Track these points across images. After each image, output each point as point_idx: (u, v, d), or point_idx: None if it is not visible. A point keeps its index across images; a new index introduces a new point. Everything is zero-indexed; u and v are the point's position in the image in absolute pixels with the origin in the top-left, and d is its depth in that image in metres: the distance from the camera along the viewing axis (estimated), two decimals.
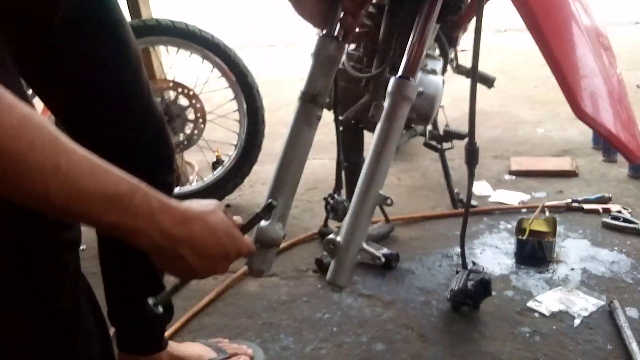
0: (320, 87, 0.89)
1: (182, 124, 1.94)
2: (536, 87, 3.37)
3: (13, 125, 0.49)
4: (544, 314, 1.41)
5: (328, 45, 0.91)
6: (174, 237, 0.62)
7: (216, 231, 0.66)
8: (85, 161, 0.55)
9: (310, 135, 0.91)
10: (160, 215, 0.61)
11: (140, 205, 0.59)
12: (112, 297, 1.15)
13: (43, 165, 0.51)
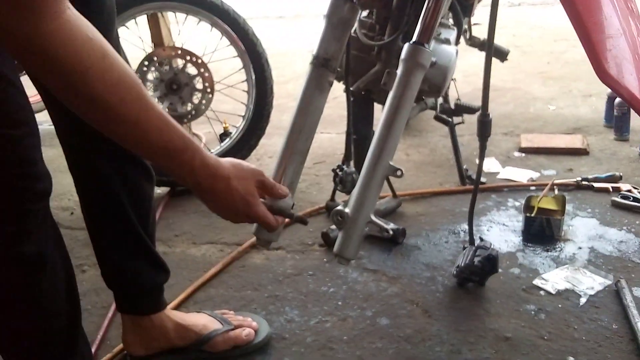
0: (332, 51, 0.86)
1: (190, 93, 1.91)
2: (549, 63, 3.31)
3: (112, 82, 0.63)
4: (550, 292, 1.40)
5: (341, 7, 0.88)
6: (202, 187, 0.79)
7: (233, 193, 0.80)
8: (157, 120, 0.70)
9: (321, 101, 0.88)
10: (198, 170, 0.76)
11: (186, 160, 0.75)
12: (102, 262, 1.15)
13: (126, 117, 0.66)
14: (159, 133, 0.70)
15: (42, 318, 0.91)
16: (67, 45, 0.59)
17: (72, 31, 0.60)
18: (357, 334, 1.31)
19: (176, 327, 1.22)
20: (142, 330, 1.19)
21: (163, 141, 0.71)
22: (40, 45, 0.58)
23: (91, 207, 1.11)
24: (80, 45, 0.61)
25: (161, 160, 0.74)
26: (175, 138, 0.73)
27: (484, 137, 1.26)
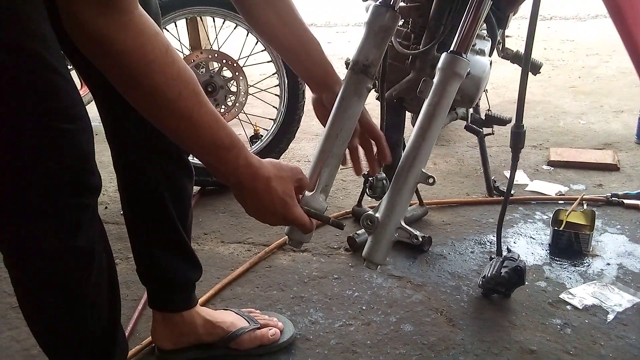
0: (372, 57, 0.87)
1: (224, 95, 1.95)
2: (581, 77, 3.27)
3: (172, 77, 0.66)
4: (577, 307, 1.39)
5: (383, 15, 0.88)
6: (243, 186, 0.80)
7: (272, 194, 0.82)
8: (209, 116, 0.72)
9: (359, 107, 0.90)
10: (242, 168, 0.78)
11: (231, 159, 0.77)
12: (139, 258, 1.18)
13: (182, 112, 0.69)
14: (209, 129, 0.73)
15: (88, 311, 0.93)
16: (135, 39, 0.63)
17: (140, 26, 0.64)
18: (380, 339, 1.32)
19: (205, 323, 1.24)
20: (172, 325, 1.22)
21: (212, 137, 0.73)
22: (110, 37, 0.62)
23: (133, 203, 1.13)
24: (147, 39, 0.64)
25: (208, 156, 0.76)
26: (223, 135, 0.75)
27: (517, 148, 1.26)
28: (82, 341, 0.95)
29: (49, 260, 0.85)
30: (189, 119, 0.70)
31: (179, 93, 0.68)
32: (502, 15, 1.42)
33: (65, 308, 0.91)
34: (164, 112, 0.69)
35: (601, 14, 4.87)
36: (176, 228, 1.14)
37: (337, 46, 4.48)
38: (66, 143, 0.79)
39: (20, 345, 1.31)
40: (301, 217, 0.86)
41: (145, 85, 0.66)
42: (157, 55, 0.65)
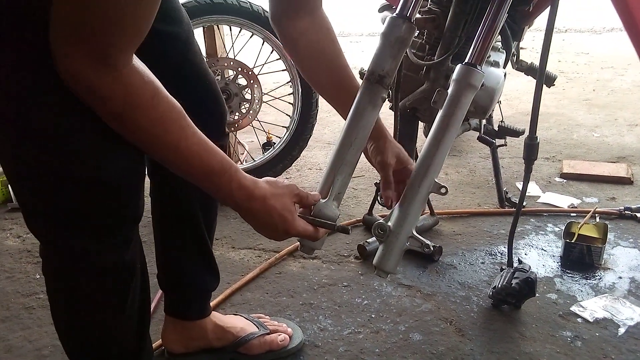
0: (387, 68, 0.88)
1: (238, 103, 1.97)
2: (595, 90, 3.26)
3: (156, 118, 0.71)
4: (588, 320, 1.39)
5: (399, 26, 0.89)
6: (241, 208, 0.83)
7: (271, 212, 0.83)
8: (197, 146, 0.76)
9: (373, 117, 0.90)
10: (236, 192, 0.81)
11: (224, 183, 0.79)
12: (163, 264, 1.20)
13: (167, 145, 0.74)
14: (197, 158, 0.76)
15: (122, 324, 0.95)
16: (122, 89, 0.68)
17: (129, 79, 0.68)
18: (389, 347, 1.32)
19: (215, 328, 1.25)
20: (182, 329, 1.24)
21: (201, 165, 0.77)
22: (99, 88, 0.67)
23: (165, 213, 1.15)
24: (134, 89, 0.69)
25: (201, 182, 0.79)
26: (213, 163, 0.78)
27: (530, 160, 1.27)
28: (114, 351, 0.97)
29: (102, 274, 0.87)
30: (175, 150, 0.74)
31: (164, 130, 0.72)
32: (517, 27, 1.42)
33: (107, 319, 0.93)
34: (150, 145, 0.74)
35: (617, 27, 4.85)
36: (203, 236, 1.16)
37: (351, 56, 4.51)
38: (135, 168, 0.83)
39: (32, 346, 1.33)
40: (304, 230, 0.87)
41: (129, 125, 0.71)
42: (142, 102, 0.70)
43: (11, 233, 1.85)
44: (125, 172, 0.81)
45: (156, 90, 0.71)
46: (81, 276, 0.87)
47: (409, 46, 1.45)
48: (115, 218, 0.83)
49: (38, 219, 0.82)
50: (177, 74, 0.98)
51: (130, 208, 0.85)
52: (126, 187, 0.82)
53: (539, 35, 1.26)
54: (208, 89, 1.06)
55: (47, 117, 0.72)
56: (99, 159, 0.77)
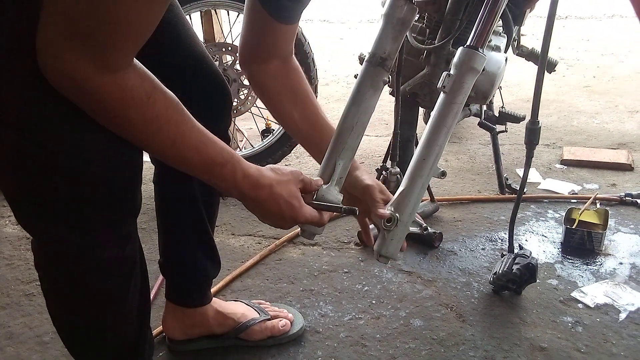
0: (389, 50, 0.87)
1: (237, 89, 1.96)
2: (595, 77, 3.25)
3: (151, 117, 0.70)
4: (588, 305, 1.39)
5: (401, 7, 0.88)
6: (247, 197, 0.82)
7: (278, 199, 0.82)
8: (195, 140, 0.74)
9: (374, 100, 0.89)
10: (241, 181, 0.79)
11: (227, 174, 0.78)
12: (165, 250, 1.19)
13: (164, 142, 0.72)
14: (196, 152, 0.75)
15: (123, 317, 0.95)
16: (114, 92, 0.66)
17: (123, 81, 0.66)
18: (390, 333, 1.32)
19: (216, 314, 1.25)
20: (183, 316, 1.23)
21: (202, 158, 0.75)
22: (91, 90, 0.65)
23: (167, 199, 1.14)
24: (129, 90, 0.67)
25: (203, 175, 0.78)
26: (214, 154, 0.76)
27: (532, 144, 1.26)
28: (116, 345, 0.97)
29: (103, 269, 0.86)
30: (171, 147, 0.73)
31: (158, 129, 0.71)
32: (518, 11, 1.41)
33: (107, 314, 0.92)
34: (144, 143, 0.73)
35: (617, 13, 4.82)
36: (204, 224, 1.16)
37: (350, 42, 4.48)
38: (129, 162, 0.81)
39: (33, 332, 1.33)
40: (311, 216, 0.86)
41: (122, 124, 0.70)
42: (137, 102, 0.68)
43: (10, 220, 1.84)
44: (121, 166, 0.79)
45: (153, 89, 0.70)
46: (79, 271, 0.85)
47: (409, 30, 1.44)
48: (114, 212, 0.82)
49: (31, 214, 0.80)
50: (173, 61, 0.96)
51: (128, 202, 0.83)
52: (123, 181, 0.80)
53: (540, 22, 1.24)
54: (208, 74, 1.03)
55: (38, 113, 0.70)
56: (92, 154, 0.75)
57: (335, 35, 4.82)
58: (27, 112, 0.70)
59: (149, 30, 0.66)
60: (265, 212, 0.84)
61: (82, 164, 0.74)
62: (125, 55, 0.65)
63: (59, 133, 0.72)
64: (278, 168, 0.85)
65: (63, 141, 0.73)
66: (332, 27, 5.14)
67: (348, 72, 3.51)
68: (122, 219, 0.85)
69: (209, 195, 1.14)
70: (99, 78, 0.64)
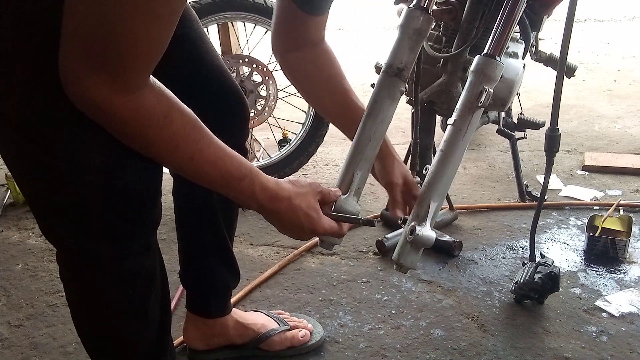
0: (406, 61, 0.87)
1: (254, 100, 1.97)
2: (616, 81, 3.20)
3: (169, 135, 0.71)
4: (613, 315, 1.36)
5: (417, 18, 0.88)
6: (266, 210, 0.82)
7: (297, 211, 0.83)
8: (213, 155, 0.75)
9: (392, 110, 0.89)
10: (259, 194, 0.80)
11: (246, 187, 0.79)
12: (185, 261, 1.21)
13: (182, 158, 0.73)
14: (214, 167, 0.75)
15: (144, 327, 0.95)
16: (135, 111, 0.68)
17: (141, 101, 0.67)
18: (410, 343, 1.31)
19: (236, 325, 1.25)
20: (203, 326, 1.24)
21: (220, 173, 0.76)
22: (110, 112, 0.66)
23: (185, 210, 1.15)
24: (146, 111, 0.69)
25: (222, 189, 0.79)
26: (231, 169, 0.77)
27: (552, 152, 1.24)
28: (136, 353, 0.97)
29: (124, 280, 0.87)
30: (190, 160, 0.74)
31: (177, 146, 0.72)
32: (536, 17, 1.40)
33: (128, 324, 0.93)
34: (163, 160, 0.74)
35: (638, 15, 4.75)
36: (223, 236, 1.16)
37: (365, 50, 4.49)
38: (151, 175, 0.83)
39: (57, 343, 1.35)
40: (330, 227, 0.86)
41: (141, 142, 0.71)
42: (153, 122, 0.69)
43: (33, 232, 1.88)
44: (141, 180, 0.80)
45: (170, 107, 0.71)
46: (102, 282, 0.87)
47: (426, 39, 1.44)
48: (134, 224, 0.83)
49: (55, 226, 0.82)
50: (192, 76, 0.98)
51: (148, 214, 0.84)
52: (144, 194, 0.82)
53: (558, 26, 1.23)
54: (227, 88, 1.04)
55: (61, 130, 0.72)
56: (114, 168, 0.76)
57: (351, 43, 4.83)
58: (51, 126, 0.72)
59: (160, 48, 0.67)
60: (284, 224, 0.84)
61: (105, 177, 0.76)
62: (139, 76, 0.66)
63: (83, 147, 0.74)
64: (296, 180, 0.86)
65: (87, 155, 0.74)
66: (347, 36, 5.16)
67: (364, 81, 3.50)
68: (143, 231, 0.86)
69: (228, 207, 1.15)
70: (117, 100, 0.65)
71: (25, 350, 1.33)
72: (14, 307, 1.48)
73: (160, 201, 0.87)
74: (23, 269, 1.66)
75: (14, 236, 1.85)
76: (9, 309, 1.47)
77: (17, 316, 1.44)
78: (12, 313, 1.46)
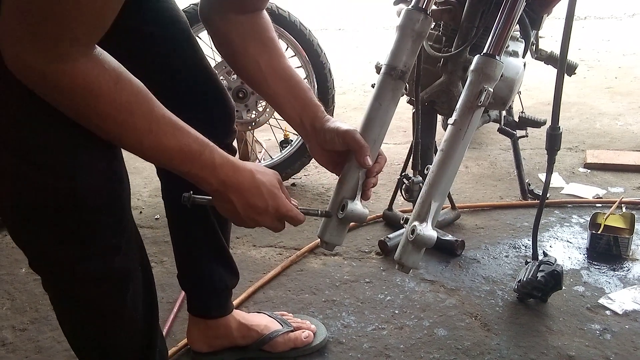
0: (409, 63, 0.87)
1: (255, 101, 1.97)
2: (617, 78, 3.20)
3: (122, 102, 0.68)
4: (617, 312, 1.36)
5: (416, 19, 0.88)
6: (227, 183, 0.78)
7: (260, 186, 0.79)
8: (170, 125, 0.73)
9: (392, 112, 0.89)
10: (220, 167, 0.77)
11: (206, 160, 0.75)
12: (181, 263, 1.21)
13: (140, 129, 0.70)
14: (173, 138, 0.72)
15: (126, 326, 0.95)
16: (78, 80, 0.65)
17: (86, 69, 0.65)
18: (414, 343, 1.31)
19: (239, 326, 1.25)
20: (207, 328, 1.24)
21: (179, 145, 0.73)
22: (53, 79, 0.64)
23: (177, 212, 1.15)
24: (93, 78, 0.66)
25: (182, 165, 0.75)
26: (190, 141, 0.74)
27: (553, 150, 1.24)
28: (122, 353, 0.97)
29: (93, 281, 0.86)
30: (148, 132, 0.71)
31: (131, 114, 0.69)
32: (535, 16, 1.40)
33: (104, 326, 0.93)
34: (120, 133, 0.70)
35: (638, 12, 4.74)
36: (218, 236, 1.16)
37: (365, 50, 4.49)
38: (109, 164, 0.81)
39: (61, 346, 1.35)
40: (292, 209, 0.83)
41: (93, 115, 0.68)
42: (104, 89, 0.67)
43: None
44: (98, 180, 0.78)
45: (119, 76, 0.68)
46: (73, 284, 0.86)
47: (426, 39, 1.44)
48: (94, 225, 0.81)
49: (21, 232, 0.81)
50: (178, 76, 0.98)
51: (109, 215, 0.82)
52: (100, 195, 0.79)
53: (558, 24, 1.23)
54: (212, 88, 1.04)
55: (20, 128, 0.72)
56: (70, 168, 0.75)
57: (351, 43, 4.83)
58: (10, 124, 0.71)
59: (103, 21, 0.65)
60: (246, 202, 0.79)
61: (51, 177, 0.74)
62: (83, 43, 0.65)
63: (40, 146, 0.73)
64: (256, 164, 0.83)
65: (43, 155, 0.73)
66: (347, 36, 5.16)
67: (364, 80, 3.51)
68: (105, 232, 0.83)
69: None
70: (60, 67, 0.63)
71: (29, 354, 1.33)
72: (18, 311, 1.49)
73: (123, 204, 0.85)
74: (27, 272, 1.66)
75: None
76: (13, 313, 1.48)
77: (22, 320, 1.45)
78: (17, 317, 1.46)
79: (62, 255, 0.82)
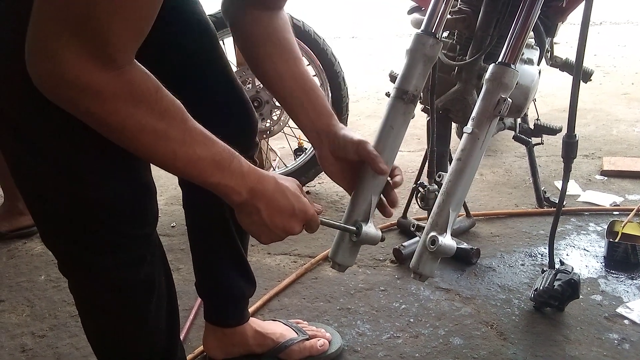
0: (418, 86, 0.88)
1: (270, 110, 1.99)
2: (634, 84, 3.16)
3: (160, 111, 0.67)
4: (635, 322, 1.34)
5: (425, 43, 0.88)
6: (255, 192, 0.77)
7: (284, 190, 0.80)
8: (202, 135, 0.72)
9: (402, 136, 0.90)
10: (248, 174, 0.76)
11: (236, 168, 0.75)
12: (199, 271, 1.22)
13: (174, 138, 0.69)
14: (205, 147, 0.72)
15: (148, 336, 0.97)
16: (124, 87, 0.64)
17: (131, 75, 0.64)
18: (429, 352, 1.31)
19: (255, 334, 1.26)
20: (223, 336, 1.25)
21: (211, 154, 0.72)
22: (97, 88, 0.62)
23: (197, 221, 1.17)
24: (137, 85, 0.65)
25: (213, 176, 0.73)
26: (221, 150, 0.74)
27: (569, 158, 1.24)
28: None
29: (119, 289, 0.88)
30: (182, 143, 0.69)
31: (169, 123, 0.68)
32: (550, 23, 1.39)
33: (128, 334, 0.95)
34: (154, 145, 0.68)
35: None
36: (236, 245, 1.17)
37: (379, 58, 4.50)
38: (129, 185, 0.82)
39: (79, 353, 1.37)
40: (314, 212, 0.83)
41: (129, 126, 0.66)
42: (147, 96, 0.66)
43: None
44: (128, 191, 0.79)
45: (159, 83, 0.68)
46: (100, 291, 0.88)
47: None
48: (118, 235, 0.82)
49: (52, 236, 0.83)
50: (204, 87, 0.99)
51: (130, 225, 0.83)
52: (130, 205, 0.80)
53: (573, 30, 1.23)
54: (238, 100, 1.05)
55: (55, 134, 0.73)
56: (99, 178, 0.76)
57: (364, 51, 4.85)
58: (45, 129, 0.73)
59: (149, 19, 0.63)
60: (273, 208, 0.78)
61: (78, 186, 0.76)
62: (128, 48, 0.63)
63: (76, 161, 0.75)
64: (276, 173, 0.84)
65: (79, 168, 0.75)
66: (360, 44, 5.18)
67: (378, 88, 3.52)
68: (129, 243, 0.84)
69: None
70: (105, 74, 0.61)
71: None
72: (37, 317, 1.51)
73: (152, 212, 0.86)
74: (46, 280, 1.69)
75: (36, 247, 1.89)
76: (33, 320, 1.50)
77: (41, 327, 1.47)
78: (36, 324, 1.48)
79: (94, 263, 0.83)
